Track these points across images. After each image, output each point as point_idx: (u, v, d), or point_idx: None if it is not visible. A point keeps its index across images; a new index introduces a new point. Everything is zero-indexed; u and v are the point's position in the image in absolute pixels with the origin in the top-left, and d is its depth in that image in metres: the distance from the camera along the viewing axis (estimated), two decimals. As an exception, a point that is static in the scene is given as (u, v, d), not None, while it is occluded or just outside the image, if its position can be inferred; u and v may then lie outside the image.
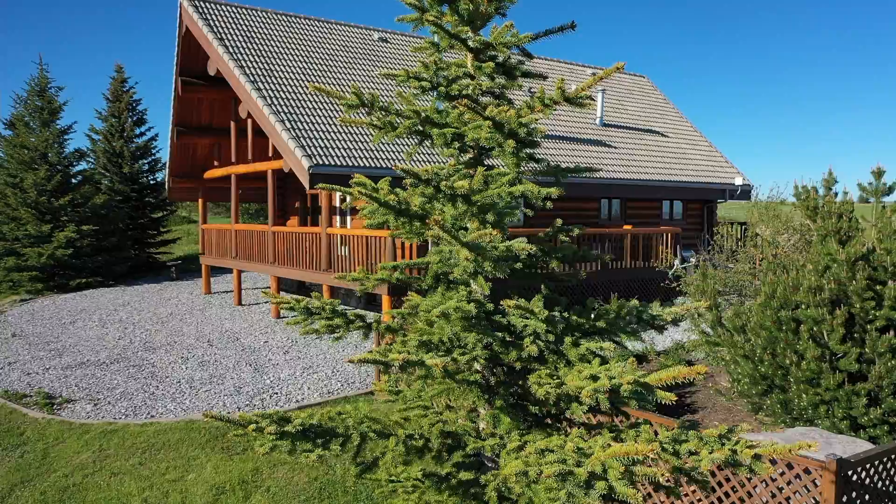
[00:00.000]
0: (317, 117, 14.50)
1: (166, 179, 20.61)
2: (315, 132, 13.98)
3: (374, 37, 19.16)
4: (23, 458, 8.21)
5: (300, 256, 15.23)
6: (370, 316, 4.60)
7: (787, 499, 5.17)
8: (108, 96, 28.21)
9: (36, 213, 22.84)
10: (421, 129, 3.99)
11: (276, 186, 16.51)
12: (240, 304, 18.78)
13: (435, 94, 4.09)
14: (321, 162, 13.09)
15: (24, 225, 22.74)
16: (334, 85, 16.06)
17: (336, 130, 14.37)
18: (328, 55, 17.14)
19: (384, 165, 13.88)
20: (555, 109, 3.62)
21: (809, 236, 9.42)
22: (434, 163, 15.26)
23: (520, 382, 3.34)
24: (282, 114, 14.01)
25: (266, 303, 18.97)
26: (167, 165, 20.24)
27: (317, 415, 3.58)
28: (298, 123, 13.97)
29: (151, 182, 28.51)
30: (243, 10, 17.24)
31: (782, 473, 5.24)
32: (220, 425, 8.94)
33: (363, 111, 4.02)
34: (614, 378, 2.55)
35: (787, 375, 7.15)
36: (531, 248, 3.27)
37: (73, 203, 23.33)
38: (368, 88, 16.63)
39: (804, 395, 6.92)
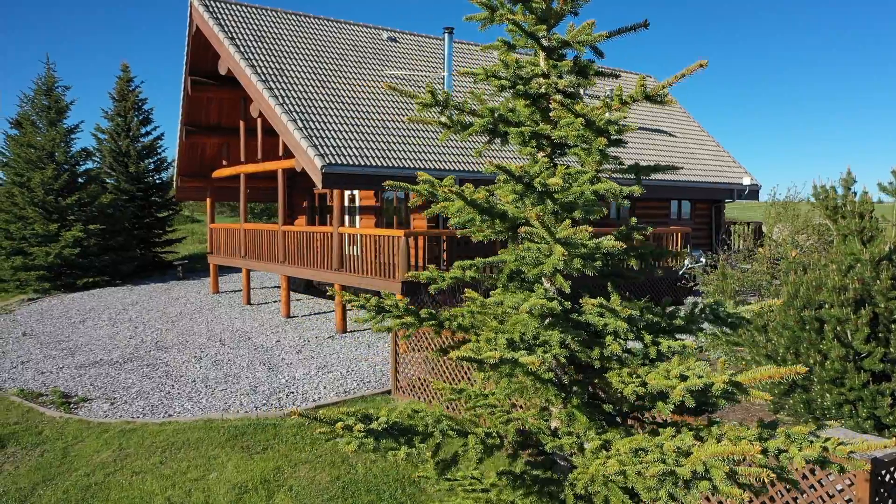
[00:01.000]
0: (328, 116, 14.50)
1: (175, 179, 20.61)
2: (327, 131, 13.98)
3: (384, 36, 19.16)
4: (43, 457, 8.21)
5: (311, 256, 15.23)
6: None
7: (821, 498, 5.18)
8: (114, 95, 28.20)
9: (43, 213, 22.84)
10: (493, 127, 3.96)
11: (286, 186, 16.50)
12: (249, 303, 18.77)
13: (511, 92, 4.07)
14: (334, 161, 13.09)
15: (31, 224, 22.74)
16: (346, 84, 16.06)
17: (347, 129, 14.37)
18: (339, 55, 17.14)
19: (397, 165, 13.88)
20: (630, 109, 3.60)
21: (829, 236, 9.41)
22: (451, 161, 15.25)
23: (595, 381, 3.34)
24: (293, 113, 14.01)
25: (275, 302, 18.97)
26: (175, 165, 20.24)
27: (393, 414, 3.57)
28: (310, 122, 13.97)
29: (157, 181, 28.52)
30: (253, 9, 17.23)
31: (813, 471, 5.24)
32: (239, 424, 8.96)
33: (436, 110, 4.00)
34: (702, 377, 2.54)
35: (809, 375, 7.16)
36: (621, 246, 3.24)
37: (80, 202, 23.33)
38: (378, 88, 16.63)
39: (828, 395, 6.92)
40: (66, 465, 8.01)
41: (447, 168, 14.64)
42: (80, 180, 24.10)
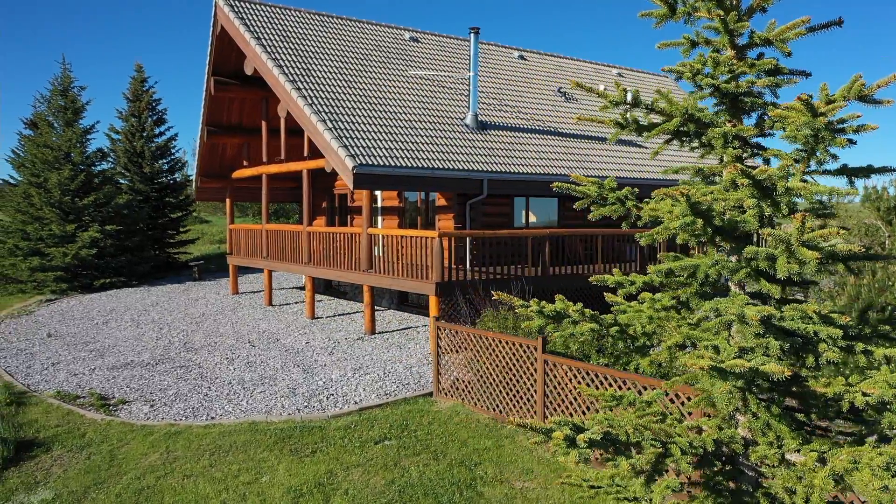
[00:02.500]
0: (356, 117, 14.43)
1: (194, 179, 20.54)
2: (356, 132, 13.91)
3: (406, 36, 19.09)
4: (90, 460, 8.14)
5: (338, 257, 15.17)
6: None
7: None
8: (129, 96, 28.13)
9: (60, 213, 22.78)
10: (680, 128, 3.82)
11: (310, 186, 16.43)
12: (271, 304, 18.71)
13: (707, 91, 3.94)
14: (365, 162, 13.03)
15: (47, 225, 22.68)
16: (371, 85, 16.00)
17: (375, 130, 14.30)
18: (363, 55, 17.07)
19: (425, 165, 13.81)
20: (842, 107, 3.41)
21: (880, 237, 9.34)
22: (479, 162, 15.13)
23: (793, 389, 3.27)
24: (322, 113, 13.94)
25: (296, 303, 18.92)
26: (196, 165, 20.16)
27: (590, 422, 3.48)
28: (339, 123, 13.90)
29: (170, 182, 28.47)
30: (277, 9, 17.17)
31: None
32: (285, 427, 8.89)
33: (619, 109, 3.91)
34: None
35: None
36: (857, 249, 3.08)
37: (97, 203, 23.27)
38: (403, 88, 16.57)
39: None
40: (114, 468, 7.94)
41: (474, 169, 14.57)
42: (95, 181, 24.03)
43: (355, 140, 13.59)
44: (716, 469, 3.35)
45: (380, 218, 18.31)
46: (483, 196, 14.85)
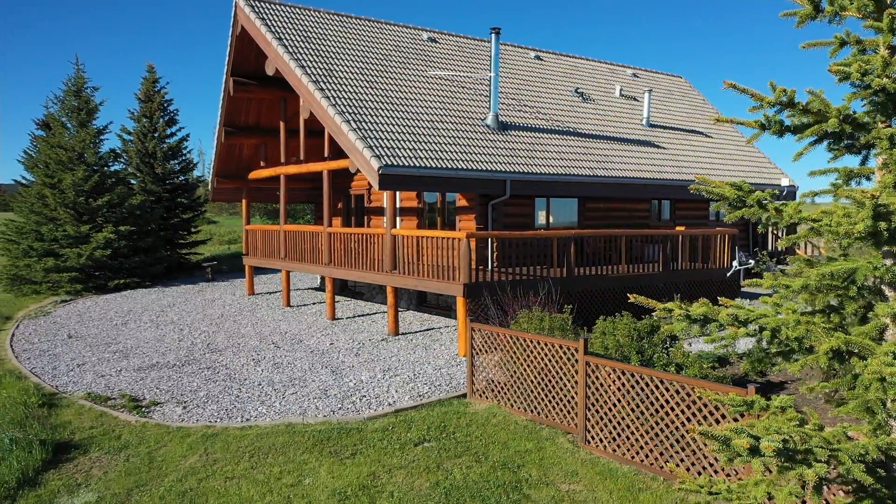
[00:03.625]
0: (379, 117, 14.40)
1: (211, 180, 20.50)
2: (379, 132, 13.88)
3: (424, 37, 19.06)
4: (129, 462, 8.10)
5: (360, 257, 15.13)
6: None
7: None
8: (140, 96, 28.12)
9: (74, 214, 22.75)
10: (836, 129, 3.72)
11: (331, 187, 16.40)
12: (289, 305, 18.68)
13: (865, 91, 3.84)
14: (390, 162, 12.99)
15: (62, 225, 22.65)
16: (392, 85, 15.96)
17: (398, 130, 14.26)
18: (383, 55, 17.04)
19: (449, 166, 13.77)
20: None
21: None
22: (500, 163, 15.07)
23: None
24: (346, 114, 13.90)
25: (314, 304, 18.88)
26: (212, 165, 20.13)
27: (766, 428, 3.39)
28: (363, 124, 13.87)
29: (182, 182, 28.44)
30: (297, 9, 17.14)
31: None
32: (322, 429, 8.85)
33: (772, 110, 3.84)
34: None
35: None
36: None
37: (111, 203, 23.25)
38: (423, 88, 16.53)
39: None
40: (154, 470, 7.90)
41: (497, 169, 14.53)
42: (108, 181, 24.00)
43: (379, 140, 13.55)
44: (879, 476, 3.30)
45: (398, 219, 18.26)
46: (506, 197, 14.82)
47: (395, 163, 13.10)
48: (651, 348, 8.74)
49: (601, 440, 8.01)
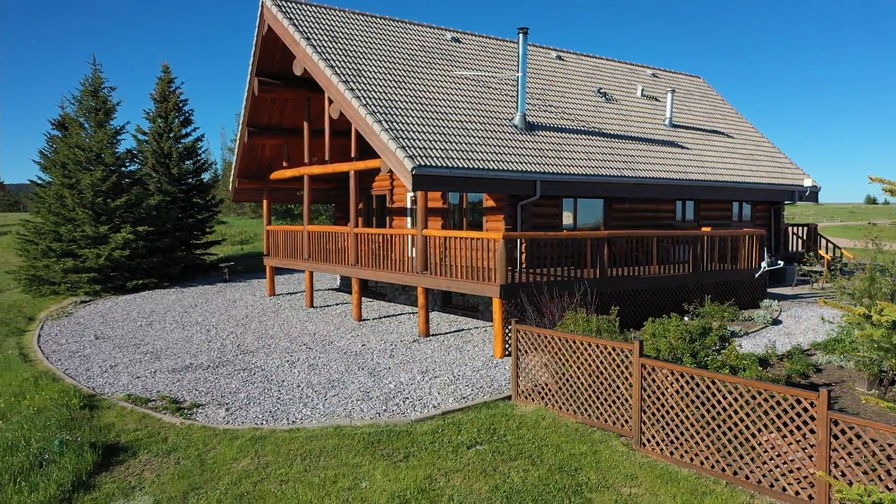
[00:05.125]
0: (408, 117, 14.33)
1: (232, 180, 20.43)
2: (410, 132, 13.81)
3: (448, 37, 18.99)
4: (181, 465, 8.04)
5: (389, 258, 15.06)
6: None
7: None
8: (155, 96, 28.07)
9: (92, 214, 22.69)
10: None
11: (357, 188, 16.33)
12: (312, 305, 18.61)
13: None
14: (423, 163, 12.92)
15: (80, 226, 22.59)
16: (419, 85, 15.89)
17: (428, 131, 14.20)
18: (409, 55, 16.98)
19: (479, 166, 13.70)
20: None
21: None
22: (529, 163, 15.01)
23: None
24: (378, 114, 13.84)
25: (337, 304, 18.81)
26: (234, 165, 20.07)
27: None
28: (394, 124, 13.80)
29: (197, 182, 28.37)
30: (323, 9, 17.08)
31: None
32: (371, 431, 8.78)
33: None
34: None
35: None
36: None
37: (128, 204, 23.19)
38: (450, 88, 16.47)
39: None
40: (206, 473, 7.83)
41: (527, 170, 14.46)
42: (125, 182, 23.94)
43: (411, 141, 13.48)
44: None
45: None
46: (536, 197, 14.75)
47: (428, 163, 13.03)
48: (704, 350, 8.67)
49: (657, 443, 7.93)
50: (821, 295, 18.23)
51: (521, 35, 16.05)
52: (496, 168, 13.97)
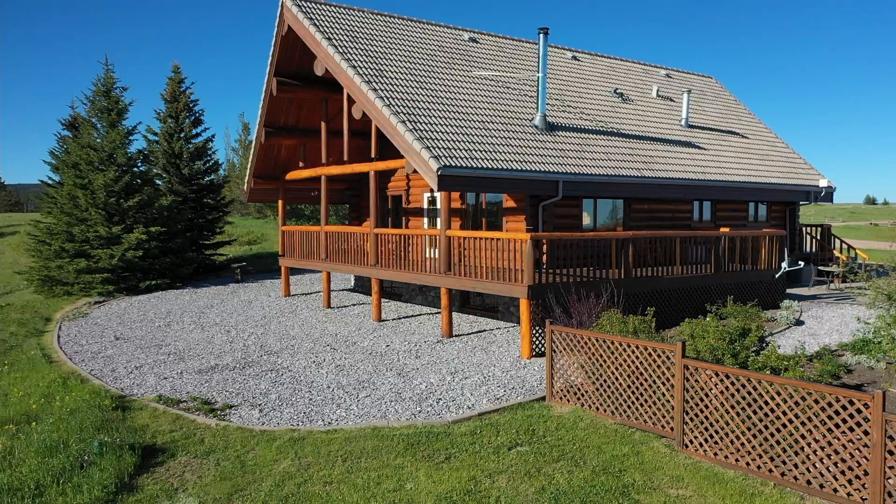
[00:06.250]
0: (431, 117, 14.30)
1: (247, 180, 20.40)
2: (434, 133, 13.78)
3: (465, 37, 18.97)
4: (221, 466, 7.99)
5: (410, 259, 15.02)
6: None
7: None
8: (166, 97, 28.03)
9: (105, 215, 22.64)
10: None
11: (377, 188, 16.29)
12: (329, 306, 18.57)
13: None
14: (448, 163, 12.89)
15: (93, 226, 22.54)
16: (439, 85, 15.86)
17: (451, 131, 14.17)
18: (428, 55, 16.95)
19: (503, 167, 13.67)
20: None
21: None
22: (551, 164, 14.96)
23: None
24: (401, 114, 13.81)
25: (353, 305, 18.77)
26: (250, 166, 20.03)
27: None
28: (418, 124, 13.77)
29: (208, 183, 28.33)
30: (342, 9, 17.05)
31: None
32: (409, 433, 8.75)
33: None
34: None
35: None
36: None
37: (141, 204, 23.15)
38: (469, 89, 16.44)
39: None
40: (248, 474, 7.79)
41: (549, 170, 14.44)
42: (137, 182, 23.89)
43: (435, 141, 13.45)
44: None
45: (438, 220, 18.16)
46: (558, 198, 14.73)
47: (453, 164, 13.01)
48: (744, 351, 8.65)
49: (700, 444, 7.91)
50: (838, 296, 18.22)
51: (541, 35, 16.02)
52: (520, 168, 13.94)
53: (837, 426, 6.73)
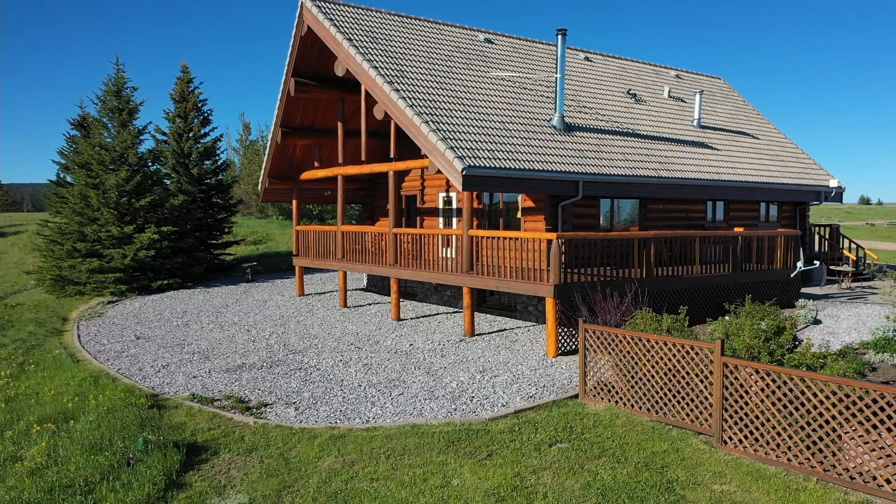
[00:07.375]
0: (452, 118, 14.39)
1: (262, 180, 20.44)
2: (456, 133, 13.87)
3: (480, 38, 19.07)
4: (265, 464, 8.07)
5: (430, 259, 15.11)
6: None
7: None
8: (175, 96, 28.02)
9: (116, 215, 22.66)
10: None
11: (396, 188, 16.37)
12: (346, 305, 18.63)
13: None
14: (473, 164, 12.98)
15: (105, 226, 22.54)
16: (458, 86, 15.95)
17: (473, 131, 14.26)
18: (446, 56, 17.04)
19: (524, 167, 13.77)
20: None
21: None
22: (571, 164, 15.04)
23: None
24: (424, 115, 13.89)
25: (369, 304, 18.84)
26: (265, 165, 20.08)
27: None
28: (441, 125, 13.86)
29: (216, 182, 28.34)
30: (360, 10, 17.12)
31: None
32: (449, 430, 8.84)
33: None
34: None
35: None
36: None
37: (152, 204, 23.16)
38: (488, 89, 16.54)
39: None
40: (293, 471, 7.87)
41: (570, 170, 14.55)
42: (148, 182, 23.90)
43: (459, 142, 13.54)
44: None
45: (454, 220, 18.26)
46: (578, 198, 14.84)
47: (477, 164, 13.10)
48: (779, 349, 8.77)
49: (739, 441, 8.02)
50: (850, 295, 18.39)
51: (559, 37, 16.12)
52: (541, 169, 14.05)
53: (882, 422, 6.85)
